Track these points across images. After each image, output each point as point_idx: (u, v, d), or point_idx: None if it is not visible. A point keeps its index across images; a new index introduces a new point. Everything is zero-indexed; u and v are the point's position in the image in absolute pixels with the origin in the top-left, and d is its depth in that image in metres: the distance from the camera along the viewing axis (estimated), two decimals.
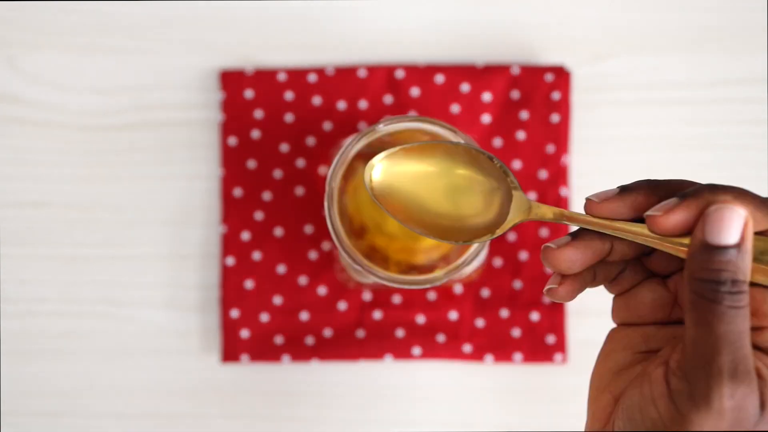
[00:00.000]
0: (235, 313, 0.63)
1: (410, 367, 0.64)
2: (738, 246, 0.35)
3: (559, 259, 0.39)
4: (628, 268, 0.40)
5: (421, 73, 0.64)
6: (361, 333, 0.63)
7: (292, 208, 0.64)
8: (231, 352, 0.63)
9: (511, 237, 0.64)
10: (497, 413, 0.64)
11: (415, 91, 0.63)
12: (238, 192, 0.64)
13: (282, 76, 0.64)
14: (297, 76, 0.64)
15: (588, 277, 0.40)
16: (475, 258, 0.50)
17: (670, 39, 0.65)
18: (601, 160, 0.65)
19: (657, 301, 0.40)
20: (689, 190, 0.37)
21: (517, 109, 0.64)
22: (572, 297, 0.40)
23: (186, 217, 0.65)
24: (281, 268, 0.64)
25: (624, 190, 0.39)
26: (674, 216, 0.36)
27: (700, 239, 0.36)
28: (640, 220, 0.38)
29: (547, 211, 0.41)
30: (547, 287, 0.40)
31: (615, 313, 0.41)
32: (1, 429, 0.64)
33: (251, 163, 0.64)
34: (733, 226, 0.35)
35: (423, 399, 0.64)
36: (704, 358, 0.34)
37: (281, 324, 0.63)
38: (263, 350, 0.63)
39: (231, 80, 0.64)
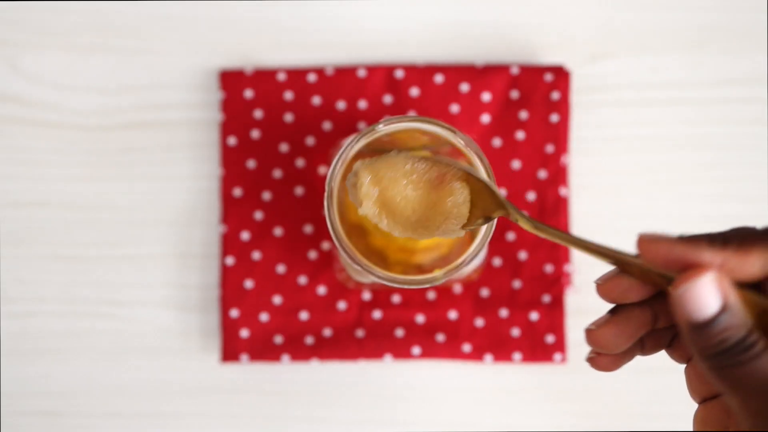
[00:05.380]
0: (234, 313, 0.63)
1: (410, 366, 0.64)
2: (724, 308, 0.34)
3: (601, 341, 0.38)
4: None
5: (421, 73, 0.64)
6: (360, 333, 0.63)
7: (291, 208, 0.64)
8: (231, 351, 0.63)
9: (511, 237, 0.64)
10: (497, 413, 0.64)
11: (414, 91, 0.64)
12: (237, 192, 0.64)
13: (282, 76, 0.64)
14: (297, 76, 0.64)
15: (635, 349, 0.38)
16: (474, 258, 0.50)
17: (670, 39, 0.65)
18: (600, 159, 0.65)
19: None
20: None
21: (516, 109, 0.64)
22: (616, 368, 0.39)
23: (186, 217, 0.65)
24: (281, 268, 0.64)
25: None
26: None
27: (685, 323, 0.34)
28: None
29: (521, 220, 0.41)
30: (587, 356, 0.39)
31: (691, 387, 0.38)
32: (1, 429, 0.64)
33: (251, 163, 0.64)
34: (706, 298, 0.34)
35: (422, 399, 0.64)
36: (760, 418, 0.33)
37: (281, 324, 0.63)
38: (263, 350, 0.63)
39: (231, 80, 0.64)
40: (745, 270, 0.34)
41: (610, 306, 0.40)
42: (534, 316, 0.63)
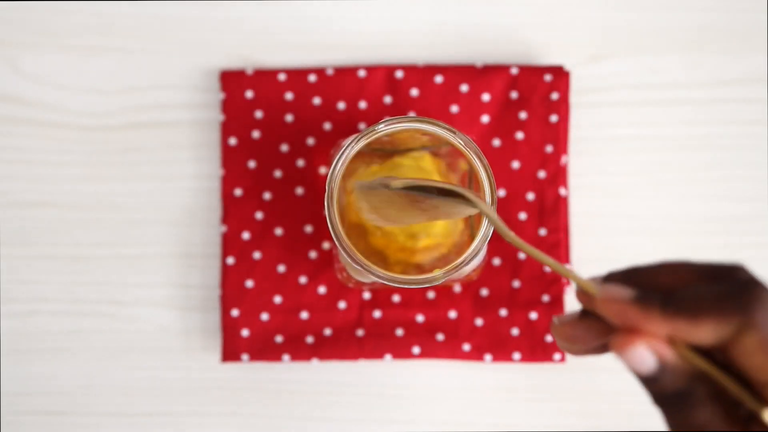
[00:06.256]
0: (235, 313, 0.63)
1: (410, 366, 0.64)
2: (660, 366, 0.36)
3: (562, 337, 0.39)
4: None
5: (421, 73, 0.64)
6: (360, 332, 0.63)
7: (292, 208, 0.64)
8: (231, 351, 0.63)
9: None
10: (496, 412, 0.64)
11: (414, 92, 0.64)
12: (238, 192, 0.64)
13: (282, 77, 0.64)
14: (297, 76, 0.64)
15: (605, 348, 0.39)
16: (474, 257, 0.50)
17: (670, 39, 0.65)
18: (599, 160, 0.65)
19: None
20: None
21: (516, 110, 0.64)
22: (579, 355, 0.40)
23: (186, 217, 0.65)
24: (281, 268, 0.64)
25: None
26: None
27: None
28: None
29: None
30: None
31: None
32: (1, 428, 0.64)
33: (251, 163, 0.64)
34: (640, 360, 0.36)
35: (422, 398, 0.65)
36: None
37: (281, 323, 0.63)
38: (263, 349, 0.63)
39: (231, 80, 0.64)
40: (696, 338, 0.36)
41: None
42: (533, 315, 0.63)
